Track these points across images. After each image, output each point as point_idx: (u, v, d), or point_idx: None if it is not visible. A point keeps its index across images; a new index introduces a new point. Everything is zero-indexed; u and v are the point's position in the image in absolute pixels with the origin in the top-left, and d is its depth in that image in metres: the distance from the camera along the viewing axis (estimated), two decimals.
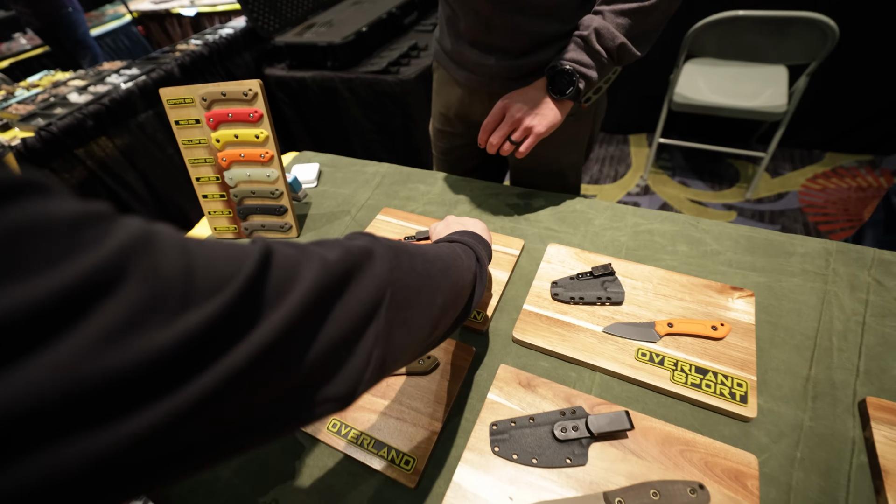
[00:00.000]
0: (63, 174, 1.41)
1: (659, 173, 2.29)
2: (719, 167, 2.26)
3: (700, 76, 1.97)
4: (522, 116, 0.77)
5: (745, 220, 1.99)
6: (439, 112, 1.04)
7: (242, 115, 0.83)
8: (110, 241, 0.18)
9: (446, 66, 0.93)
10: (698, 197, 2.13)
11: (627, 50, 0.71)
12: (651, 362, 0.62)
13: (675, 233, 0.81)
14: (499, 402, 0.61)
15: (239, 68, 2.03)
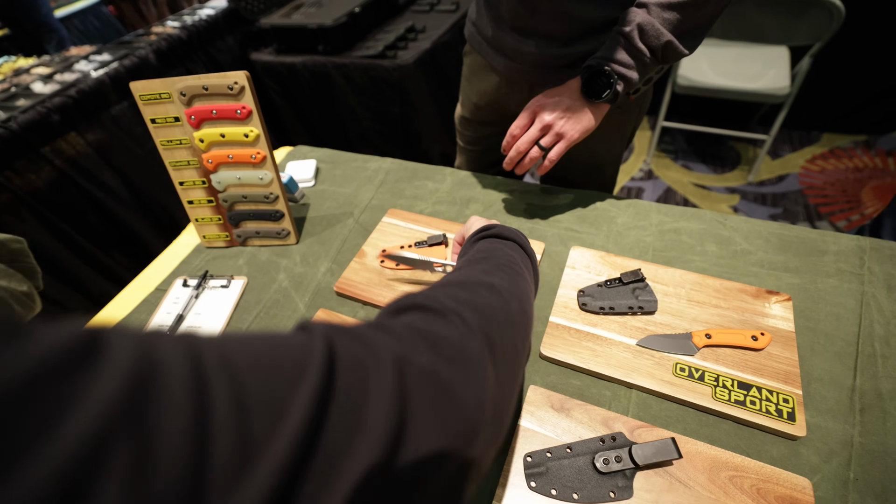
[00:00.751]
0: (28, 175, 1.30)
1: (662, 157, 2.25)
2: (721, 150, 2.23)
3: (703, 58, 1.92)
4: (553, 121, 0.71)
5: (748, 202, 1.97)
6: (470, 100, 0.97)
7: (228, 111, 0.75)
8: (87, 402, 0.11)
9: (482, 52, 0.86)
10: (701, 181, 2.10)
11: (674, 48, 0.65)
12: (691, 378, 0.58)
13: (702, 231, 0.77)
14: (531, 429, 0.56)
15: (222, 53, 1.90)
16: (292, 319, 0.73)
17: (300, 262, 0.83)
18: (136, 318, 0.78)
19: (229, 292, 0.79)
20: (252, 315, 0.75)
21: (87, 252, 1.48)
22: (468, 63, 0.95)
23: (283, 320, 0.73)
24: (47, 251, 1.36)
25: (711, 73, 1.86)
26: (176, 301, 0.79)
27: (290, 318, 0.73)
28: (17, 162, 1.29)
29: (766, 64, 1.84)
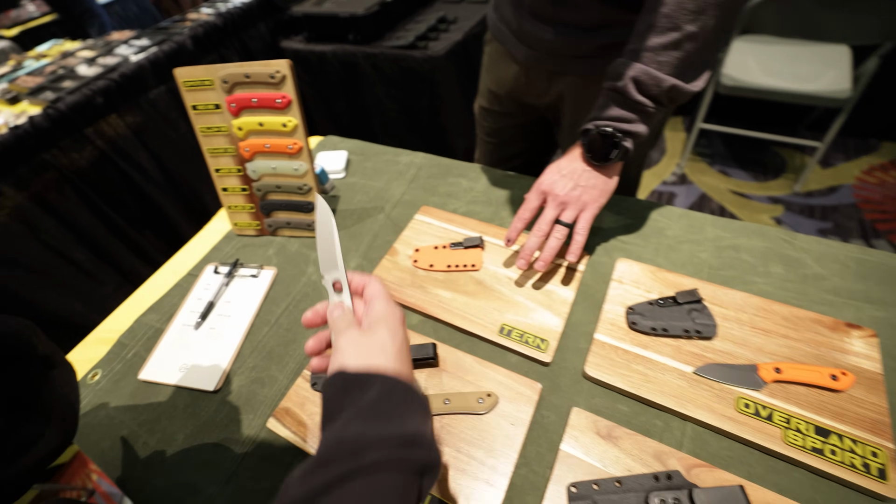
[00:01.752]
0: (72, 154, 1.32)
1: (697, 161, 2.14)
2: (764, 156, 2.10)
3: (750, 55, 1.79)
4: (569, 194, 0.64)
5: (793, 214, 1.85)
6: (489, 89, 0.94)
7: (268, 100, 0.72)
8: None
9: (503, 40, 0.83)
10: (741, 188, 1.99)
11: (681, 91, 0.58)
12: (757, 416, 0.52)
13: (766, 250, 0.70)
14: (574, 456, 0.51)
15: (254, 41, 1.89)
16: None
17: None
18: (167, 302, 0.77)
19: (259, 282, 0.77)
20: (281, 307, 0.73)
21: (121, 230, 1.50)
22: (488, 52, 0.92)
23: None
24: (86, 228, 1.38)
25: (760, 72, 1.73)
26: (207, 287, 0.77)
27: None
28: (63, 141, 1.31)
29: (824, 64, 1.70)
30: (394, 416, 0.33)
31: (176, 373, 0.66)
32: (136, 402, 0.64)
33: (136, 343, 0.72)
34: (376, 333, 0.38)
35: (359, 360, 0.36)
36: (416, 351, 0.59)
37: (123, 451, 0.59)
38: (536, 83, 0.82)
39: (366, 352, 0.37)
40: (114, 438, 0.61)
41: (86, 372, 0.69)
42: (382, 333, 0.38)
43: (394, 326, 0.39)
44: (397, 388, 0.35)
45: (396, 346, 0.38)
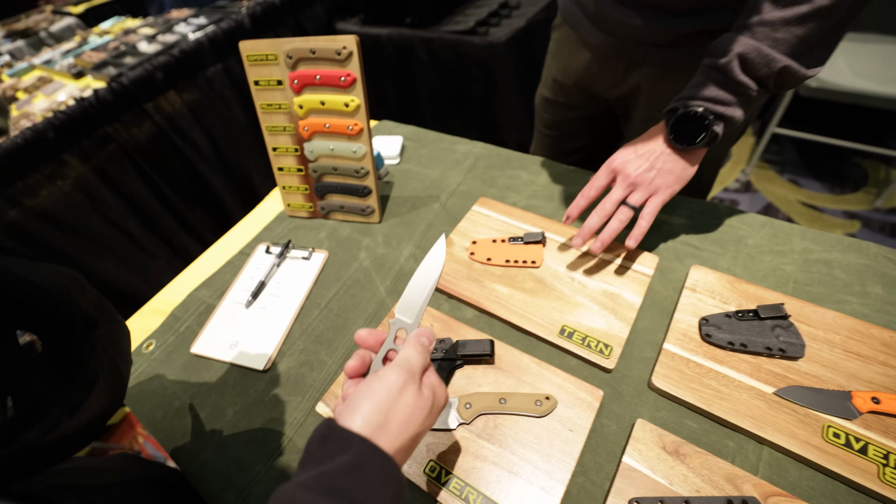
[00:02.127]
0: (132, 129, 1.36)
1: (765, 168, 2.00)
2: (842, 166, 1.94)
3: (840, 55, 1.64)
4: (641, 175, 0.60)
5: (871, 232, 1.71)
6: (553, 79, 0.89)
7: (332, 77, 0.71)
8: None
9: (576, 24, 0.77)
10: (812, 200, 1.85)
11: (792, 74, 0.51)
12: (848, 448, 0.47)
13: (863, 268, 0.64)
14: (638, 471, 0.47)
15: (309, 21, 1.89)
16: (372, 302, 0.69)
17: (382, 242, 0.78)
18: (219, 279, 0.77)
19: (310, 265, 0.76)
20: (332, 292, 0.71)
21: (173, 206, 1.54)
22: (556, 37, 0.87)
23: (362, 301, 0.69)
24: (142, 202, 1.42)
25: (850, 73, 1.59)
26: (258, 267, 0.77)
27: (370, 300, 0.69)
28: (125, 115, 1.35)
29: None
30: (354, 498, 0.29)
31: (226, 349, 0.66)
32: (188, 374, 0.65)
33: (188, 317, 0.72)
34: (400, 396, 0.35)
35: (351, 410, 0.34)
36: (473, 346, 0.56)
37: (175, 422, 0.60)
38: (610, 73, 0.77)
39: (367, 404, 0.34)
40: (166, 408, 0.61)
41: (141, 342, 0.70)
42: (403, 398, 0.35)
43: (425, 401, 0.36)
44: (372, 465, 0.31)
45: (404, 417, 0.34)
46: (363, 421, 0.33)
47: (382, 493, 0.30)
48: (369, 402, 0.34)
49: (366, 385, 0.35)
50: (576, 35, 0.79)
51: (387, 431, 0.33)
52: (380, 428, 0.33)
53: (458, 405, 0.53)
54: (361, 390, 0.35)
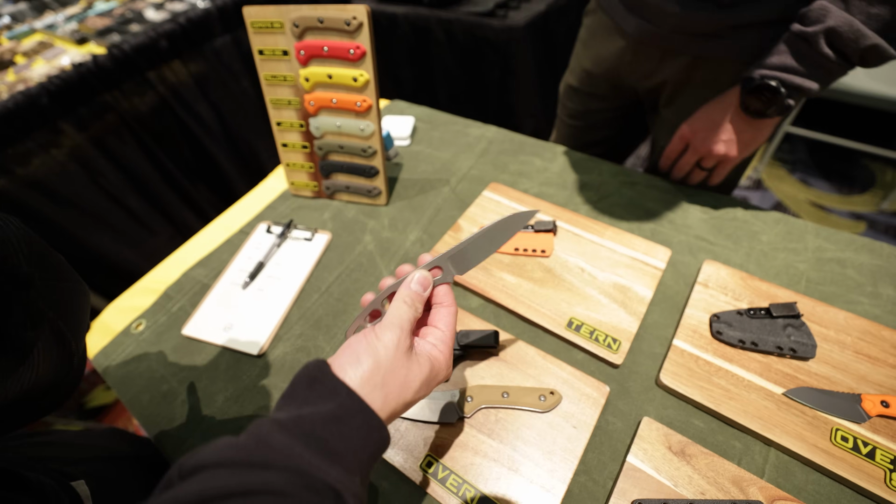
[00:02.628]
0: (133, 98, 1.32)
1: (776, 167, 1.98)
2: (851, 167, 1.93)
3: None
4: (709, 148, 0.63)
5: (876, 234, 1.70)
6: (582, 67, 0.85)
7: (340, 49, 0.68)
8: None
9: (611, 10, 0.74)
10: (821, 200, 1.83)
11: (881, 53, 0.49)
12: (856, 452, 0.46)
13: (876, 268, 0.62)
14: (642, 471, 0.47)
15: None
16: (375, 287, 0.67)
17: (388, 225, 0.76)
18: (217, 257, 0.75)
19: (312, 246, 0.74)
20: (333, 275, 0.70)
21: (175, 181, 1.51)
22: (588, 24, 0.83)
23: (365, 286, 0.67)
24: (142, 175, 1.39)
25: (865, 75, 1.57)
26: (258, 246, 0.76)
27: (373, 284, 0.67)
28: (126, 84, 1.32)
29: None
30: (330, 449, 0.28)
31: (220, 332, 0.64)
32: (178, 357, 0.63)
33: (182, 297, 0.70)
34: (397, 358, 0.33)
35: (351, 362, 0.32)
36: (476, 337, 0.55)
37: (162, 407, 0.58)
38: (644, 62, 0.73)
39: (368, 361, 0.32)
40: (153, 392, 0.59)
41: (131, 321, 0.68)
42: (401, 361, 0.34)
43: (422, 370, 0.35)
44: (356, 419, 0.30)
45: (400, 382, 0.33)
46: (360, 377, 0.32)
47: (362, 448, 0.30)
48: (370, 359, 0.32)
49: (367, 342, 0.33)
50: (610, 21, 0.75)
51: (381, 392, 0.32)
52: (375, 388, 0.32)
53: (459, 398, 0.51)
54: (363, 345, 0.33)
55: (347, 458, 0.28)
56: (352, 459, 0.29)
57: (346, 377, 0.31)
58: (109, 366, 0.63)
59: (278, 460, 0.26)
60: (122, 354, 0.64)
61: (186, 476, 0.26)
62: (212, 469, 0.26)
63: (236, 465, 0.26)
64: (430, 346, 0.36)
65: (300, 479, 0.26)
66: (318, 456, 0.27)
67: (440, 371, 0.36)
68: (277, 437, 0.27)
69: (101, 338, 0.66)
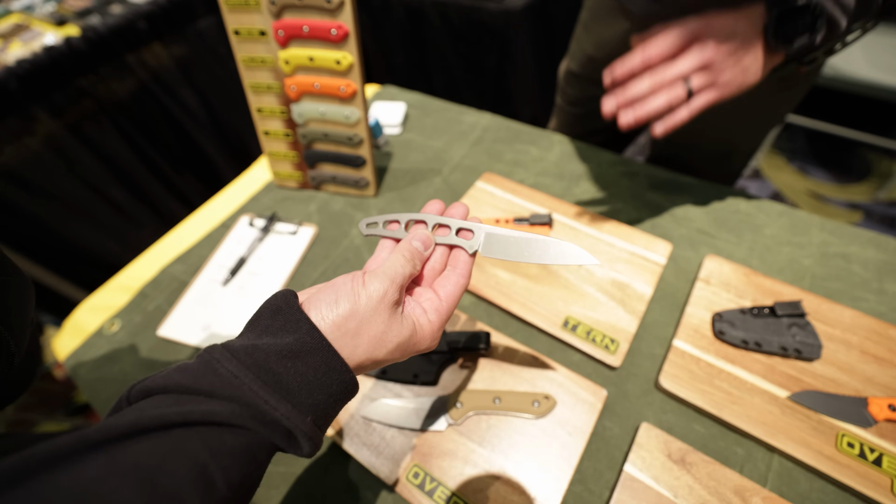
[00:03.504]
0: (112, 82, 1.27)
1: (775, 156, 1.96)
2: (848, 157, 1.91)
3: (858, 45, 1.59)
4: (718, 59, 0.50)
5: (872, 224, 1.69)
6: (583, 51, 0.81)
7: (322, 29, 0.63)
8: None
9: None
10: (819, 189, 1.82)
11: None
12: (862, 459, 0.44)
13: (882, 264, 0.60)
14: (640, 481, 0.44)
15: None
16: None
17: None
18: (196, 253, 0.72)
19: (297, 240, 0.71)
20: (318, 271, 0.67)
21: (160, 170, 1.47)
22: (590, 5, 0.78)
23: None
24: (124, 164, 1.34)
25: (866, 64, 1.54)
26: (239, 241, 0.72)
27: None
28: (103, 67, 1.26)
29: None
30: (282, 384, 0.26)
31: (198, 332, 0.61)
32: (154, 360, 0.59)
33: (158, 295, 0.67)
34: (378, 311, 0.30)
35: (328, 302, 0.29)
36: (466, 339, 0.52)
37: None
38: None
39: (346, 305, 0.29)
40: None
41: (105, 320, 0.65)
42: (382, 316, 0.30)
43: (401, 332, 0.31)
44: (315, 357, 0.27)
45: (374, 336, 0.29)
46: (333, 319, 0.29)
47: (319, 388, 0.27)
48: (348, 304, 0.29)
49: (351, 285, 0.30)
50: (613, 2, 0.70)
51: (351, 341, 0.29)
52: (346, 334, 0.29)
53: (448, 403, 0.49)
54: (346, 288, 0.30)
55: (300, 396, 0.26)
56: (305, 398, 0.27)
57: (318, 314, 0.29)
58: (81, 369, 0.59)
59: (224, 389, 0.25)
60: (94, 356, 0.60)
61: (133, 400, 0.25)
62: (156, 395, 0.24)
63: (182, 391, 0.24)
64: (420, 312, 0.32)
65: (246, 411, 0.24)
66: (266, 389, 0.25)
67: (422, 340, 0.32)
68: (226, 366, 0.25)
69: (72, 339, 0.63)
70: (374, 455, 0.47)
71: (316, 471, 0.47)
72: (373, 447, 0.48)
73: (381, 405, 0.49)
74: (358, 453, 0.48)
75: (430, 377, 0.50)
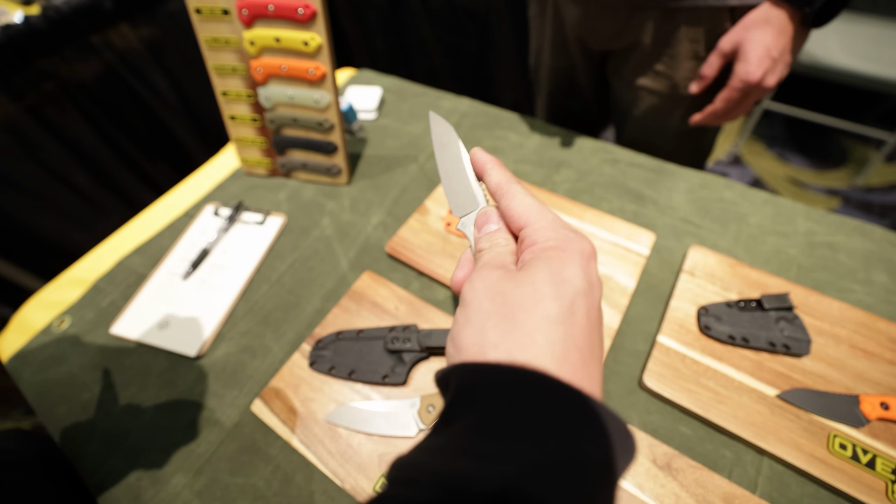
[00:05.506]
0: (75, 64, 1.20)
1: (755, 142, 1.97)
2: (826, 143, 1.93)
3: (833, 33, 1.61)
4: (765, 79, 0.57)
5: (849, 209, 1.72)
6: (551, 42, 0.78)
7: (288, 8, 0.59)
8: None
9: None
10: (798, 175, 1.84)
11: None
12: (855, 461, 0.42)
13: (868, 253, 0.58)
14: (624, 489, 0.42)
15: None
16: (332, 276, 0.60)
17: (349, 207, 0.69)
18: (157, 244, 0.67)
19: (264, 231, 0.67)
20: (286, 263, 0.63)
21: (129, 156, 1.40)
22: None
23: (320, 276, 0.61)
24: (89, 150, 1.28)
25: (841, 52, 1.56)
26: (203, 231, 0.68)
27: (329, 274, 0.61)
28: (66, 49, 1.19)
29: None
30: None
31: (154, 330, 0.56)
32: (105, 361, 0.55)
33: (114, 289, 0.62)
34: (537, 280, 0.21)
35: (496, 332, 0.21)
36: (439, 337, 0.48)
37: (81, 420, 0.50)
38: (611, 23, 0.66)
39: (512, 315, 0.21)
40: (72, 403, 0.51)
41: (54, 317, 0.60)
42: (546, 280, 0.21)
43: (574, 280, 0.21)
44: (556, 402, 0.19)
45: (565, 310, 0.20)
46: (512, 339, 0.20)
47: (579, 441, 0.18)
48: (504, 304, 0.21)
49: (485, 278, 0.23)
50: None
51: (553, 344, 0.20)
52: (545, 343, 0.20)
53: (420, 407, 0.45)
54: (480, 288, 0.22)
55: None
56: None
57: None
58: (25, 370, 0.54)
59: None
60: (39, 357, 0.56)
61: None
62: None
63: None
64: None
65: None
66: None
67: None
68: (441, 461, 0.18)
69: (18, 337, 0.58)
70: (340, 464, 0.44)
71: (276, 483, 0.44)
72: (339, 455, 0.44)
73: (347, 409, 0.46)
74: (322, 462, 0.44)
75: (400, 378, 0.47)
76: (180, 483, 0.45)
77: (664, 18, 0.62)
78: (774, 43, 0.55)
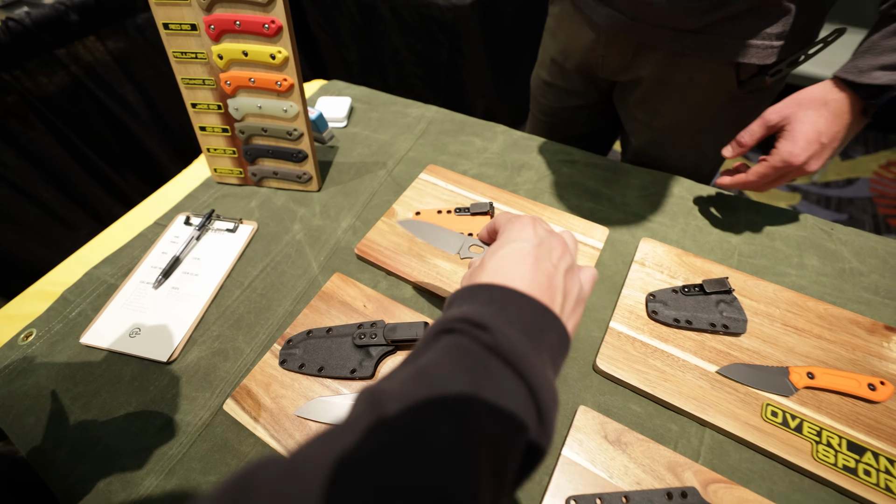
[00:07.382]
0: (40, 78, 1.19)
1: None
2: None
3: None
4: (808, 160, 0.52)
5: (809, 204, 1.81)
6: (551, 59, 0.80)
7: (254, 24, 0.61)
8: None
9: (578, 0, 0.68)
10: None
11: None
12: (785, 426, 0.46)
13: (801, 240, 0.63)
14: (577, 464, 0.45)
15: None
16: (303, 279, 0.62)
17: (320, 213, 0.71)
18: (127, 254, 0.68)
19: (235, 238, 0.69)
20: (257, 269, 0.65)
21: (98, 170, 1.39)
22: (555, 13, 0.76)
23: (291, 279, 0.63)
24: (55, 163, 1.26)
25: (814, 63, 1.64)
26: (174, 240, 0.69)
27: (300, 277, 0.63)
28: (29, 62, 1.18)
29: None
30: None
31: (125, 338, 0.57)
32: (74, 370, 0.55)
33: (83, 300, 0.62)
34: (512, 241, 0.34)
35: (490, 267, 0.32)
36: (404, 330, 0.51)
37: (49, 430, 0.50)
38: (616, 57, 0.68)
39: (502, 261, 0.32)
40: (39, 413, 0.51)
41: (19, 331, 0.59)
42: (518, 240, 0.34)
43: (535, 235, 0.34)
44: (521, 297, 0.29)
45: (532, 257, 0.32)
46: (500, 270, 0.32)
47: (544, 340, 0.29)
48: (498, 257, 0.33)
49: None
50: (576, 11, 0.69)
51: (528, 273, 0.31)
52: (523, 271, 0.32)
53: None
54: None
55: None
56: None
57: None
58: None
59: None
60: (2, 371, 0.55)
61: None
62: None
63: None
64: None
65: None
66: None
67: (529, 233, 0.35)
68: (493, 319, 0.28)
69: None
70: None
71: None
72: None
73: (316, 403, 0.48)
74: None
75: (367, 371, 0.49)
76: (152, 484, 0.46)
77: (669, 60, 0.64)
78: (827, 128, 0.51)
